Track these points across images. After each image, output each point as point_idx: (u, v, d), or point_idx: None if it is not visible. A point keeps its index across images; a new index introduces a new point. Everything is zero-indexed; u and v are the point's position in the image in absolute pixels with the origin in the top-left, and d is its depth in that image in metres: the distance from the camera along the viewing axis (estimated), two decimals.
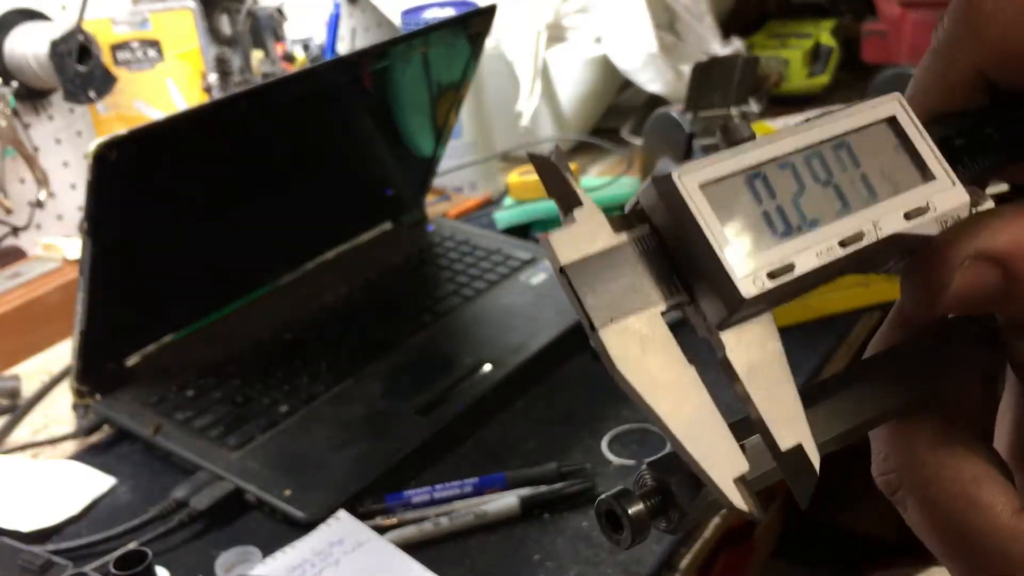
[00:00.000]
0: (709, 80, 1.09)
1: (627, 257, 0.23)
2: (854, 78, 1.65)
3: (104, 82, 1.29)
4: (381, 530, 0.76)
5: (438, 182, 1.34)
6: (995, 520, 0.24)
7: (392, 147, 1.21)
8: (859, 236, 0.23)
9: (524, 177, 1.26)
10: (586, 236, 0.22)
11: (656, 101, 1.48)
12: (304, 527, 0.77)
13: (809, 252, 0.23)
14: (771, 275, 0.22)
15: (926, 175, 0.25)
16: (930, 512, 0.25)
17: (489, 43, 1.20)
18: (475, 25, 1.13)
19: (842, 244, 0.23)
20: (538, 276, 1.11)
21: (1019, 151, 0.26)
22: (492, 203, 1.36)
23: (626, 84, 1.54)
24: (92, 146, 0.78)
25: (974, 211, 0.25)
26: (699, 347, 0.25)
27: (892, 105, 0.25)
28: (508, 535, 0.77)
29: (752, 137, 0.24)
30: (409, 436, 0.87)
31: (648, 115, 1.22)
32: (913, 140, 0.25)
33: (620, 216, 0.23)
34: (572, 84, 1.48)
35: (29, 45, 1.26)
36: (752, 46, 1.64)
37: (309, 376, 0.95)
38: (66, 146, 1.36)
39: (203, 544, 0.79)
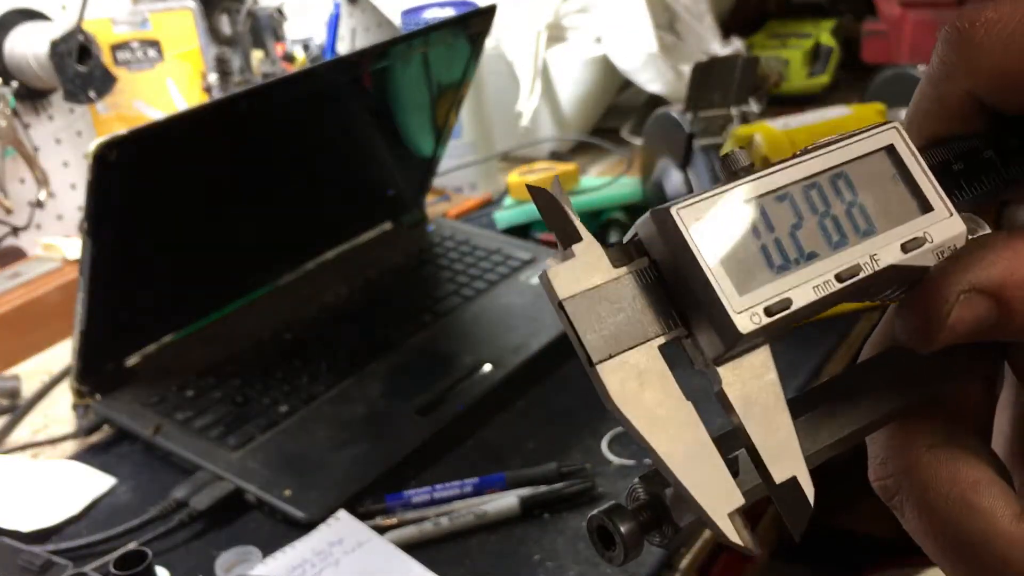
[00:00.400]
0: (709, 80, 1.09)
1: (626, 291, 0.23)
2: (854, 78, 1.65)
3: (104, 82, 1.29)
4: (381, 530, 0.76)
5: (438, 182, 1.34)
6: (995, 526, 0.24)
7: (392, 147, 1.21)
8: (856, 270, 0.23)
9: (524, 177, 1.26)
10: (584, 270, 0.22)
11: (656, 101, 1.48)
12: (304, 527, 0.77)
13: (806, 287, 0.23)
14: (768, 311, 0.22)
15: (923, 206, 0.25)
16: (928, 518, 0.25)
17: (489, 43, 1.21)
18: (475, 25, 1.13)
19: (839, 278, 0.23)
20: (538, 276, 1.11)
21: (1019, 173, 0.26)
22: (492, 203, 1.36)
23: (626, 84, 1.54)
24: (92, 146, 0.78)
25: (971, 238, 0.25)
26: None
27: (890, 134, 0.25)
28: (508, 535, 0.77)
29: (751, 167, 0.24)
30: (409, 436, 0.87)
31: (648, 115, 1.22)
32: (911, 170, 0.25)
33: (619, 248, 0.23)
34: (572, 84, 1.48)
35: (29, 45, 1.26)
36: (752, 46, 1.64)
37: (309, 376, 0.95)
38: (66, 146, 1.36)
39: (203, 544, 0.79)
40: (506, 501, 0.78)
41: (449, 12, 1.33)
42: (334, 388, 0.94)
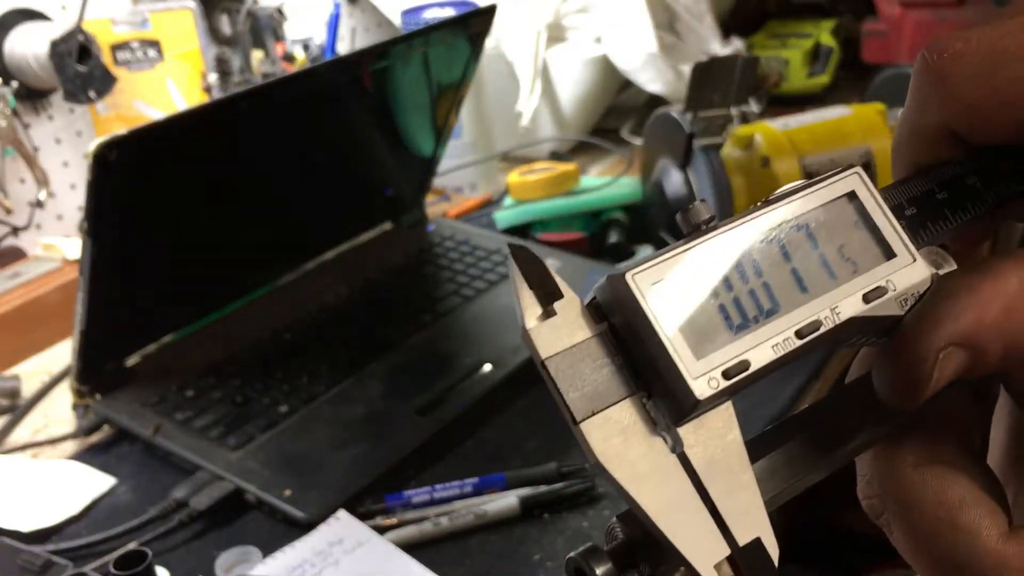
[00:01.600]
0: (709, 80, 1.08)
1: (607, 348, 0.23)
2: (854, 78, 1.65)
3: (104, 82, 1.29)
4: (381, 530, 0.76)
5: (438, 182, 1.34)
6: (980, 545, 0.24)
7: (392, 147, 1.21)
8: (816, 325, 0.23)
9: (524, 177, 1.26)
10: (565, 328, 0.22)
11: (656, 101, 1.48)
12: (304, 527, 0.77)
13: (765, 347, 0.23)
14: (725, 374, 0.22)
15: (887, 252, 0.24)
16: (914, 537, 0.25)
17: (489, 43, 1.20)
18: (475, 25, 1.13)
19: (799, 334, 0.23)
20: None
21: (1003, 199, 0.26)
22: (492, 203, 1.36)
23: (626, 84, 1.54)
24: (92, 146, 0.78)
25: (939, 274, 0.25)
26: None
27: (852, 180, 0.25)
28: (508, 535, 0.77)
29: (711, 220, 0.24)
30: (409, 436, 0.87)
31: (648, 115, 1.22)
32: (873, 216, 0.25)
33: (597, 305, 0.23)
34: (572, 84, 1.48)
35: (29, 45, 1.26)
36: (752, 46, 1.64)
37: (309, 376, 0.95)
38: (66, 146, 1.36)
39: (203, 544, 0.79)
40: (506, 501, 0.78)
41: (449, 12, 1.33)
42: (334, 388, 0.94)
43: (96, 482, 0.86)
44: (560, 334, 0.22)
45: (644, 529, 0.23)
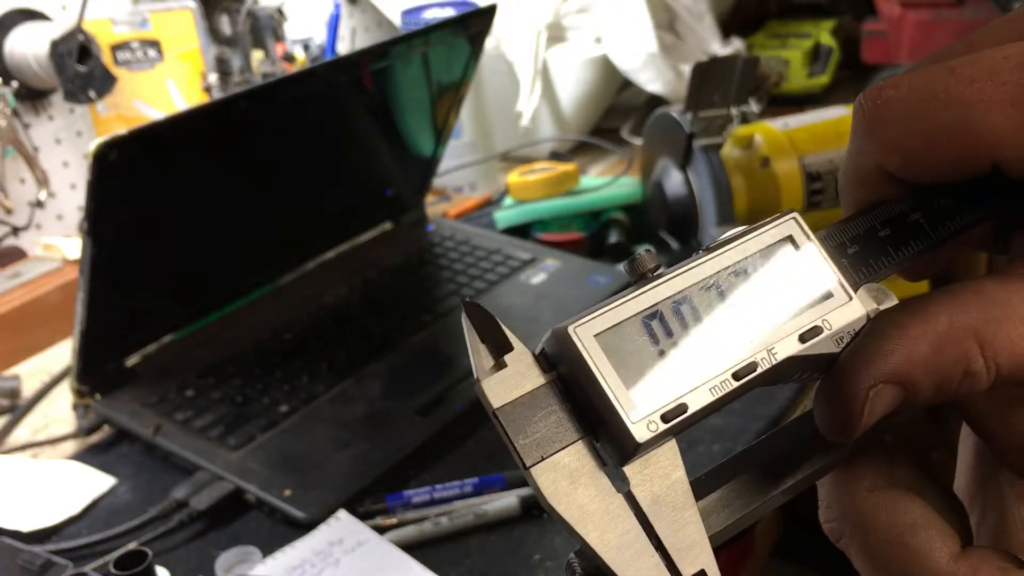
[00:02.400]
0: (709, 80, 1.08)
1: (554, 395, 0.24)
2: (854, 78, 1.65)
3: (104, 82, 1.29)
4: (381, 530, 0.76)
5: (438, 182, 1.34)
6: (932, 565, 0.25)
7: (392, 147, 1.21)
8: (752, 367, 0.24)
9: (524, 177, 1.26)
10: (515, 379, 0.24)
11: (656, 101, 1.48)
12: (304, 527, 0.77)
13: (702, 390, 0.24)
14: (664, 418, 0.23)
15: (823, 293, 0.25)
16: (870, 559, 0.26)
17: (489, 43, 1.21)
18: (475, 25, 1.13)
19: (735, 376, 0.24)
20: (538, 276, 1.11)
21: (947, 234, 0.27)
22: (492, 203, 1.36)
23: (626, 84, 1.54)
24: (92, 146, 0.78)
25: (879, 308, 0.25)
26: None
27: (789, 225, 0.26)
28: (508, 535, 0.77)
29: (656, 268, 0.25)
30: (409, 436, 0.87)
31: (648, 115, 1.22)
32: (809, 258, 0.26)
33: (546, 355, 0.25)
34: (572, 84, 1.48)
35: (29, 45, 1.26)
36: (752, 46, 1.64)
37: (309, 376, 0.95)
38: (66, 146, 1.36)
39: (203, 544, 0.79)
40: (506, 501, 0.78)
41: (449, 12, 1.33)
42: (334, 388, 0.94)
43: (96, 482, 0.86)
44: (510, 384, 0.24)
45: (596, 564, 0.24)
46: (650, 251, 0.25)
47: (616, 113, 1.61)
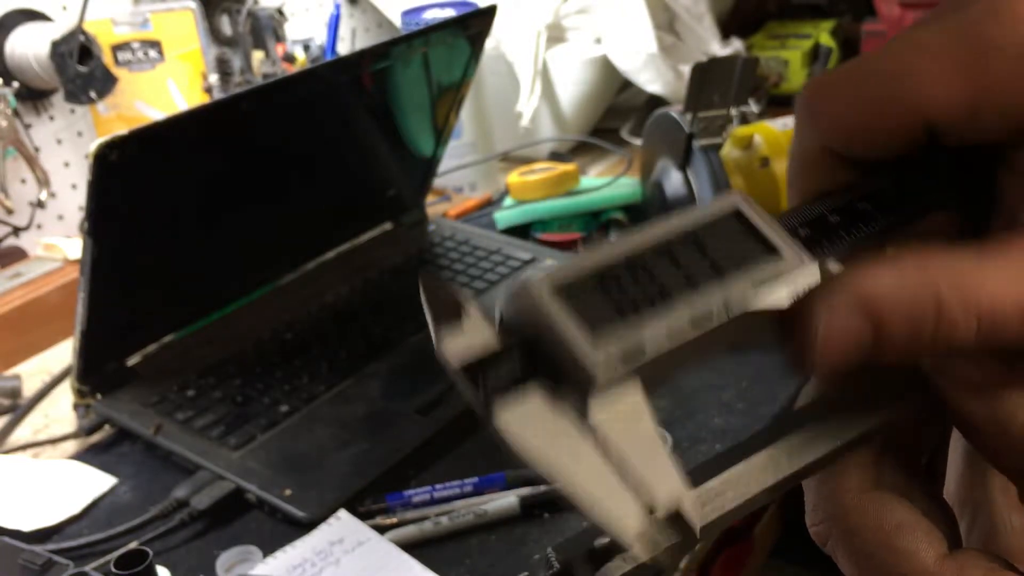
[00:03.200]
0: (708, 80, 1.09)
1: (515, 349, 0.24)
2: None
3: (105, 82, 1.29)
4: (381, 529, 0.77)
5: (438, 182, 1.34)
6: (918, 567, 0.25)
7: (392, 147, 1.21)
8: (708, 315, 0.24)
9: (524, 177, 1.26)
10: (475, 338, 0.24)
11: (656, 101, 1.49)
12: (304, 527, 0.77)
13: (660, 336, 0.24)
14: (622, 359, 0.24)
15: (775, 256, 0.26)
16: (856, 562, 0.26)
17: (489, 43, 1.21)
18: (475, 25, 1.13)
19: (692, 324, 0.24)
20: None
21: (897, 219, 0.27)
22: (492, 203, 1.37)
23: (626, 84, 1.54)
24: (93, 146, 0.78)
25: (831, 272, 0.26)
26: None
27: (735, 199, 0.27)
28: (508, 535, 0.77)
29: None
30: (409, 436, 0.87)
31: (648, 115, 1.22)
32: (759, 227, 0.26)
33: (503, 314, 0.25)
34: (572, 84, 1.49)
35: (30, 45, 1.26)
36: (752, 46, 1.64)
37: (309, 376, 0.96)
38: (67, 146, 1.36)
39: (204, 544, 0.79)
40: (506, 501, 0.78)
41: (449, 12, 1.33)
42: (334, 388, 0.94)
43: (97, 482, 0.87)
44: (471, 343, 0.24)
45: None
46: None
47: (616, 113, 1.61)
